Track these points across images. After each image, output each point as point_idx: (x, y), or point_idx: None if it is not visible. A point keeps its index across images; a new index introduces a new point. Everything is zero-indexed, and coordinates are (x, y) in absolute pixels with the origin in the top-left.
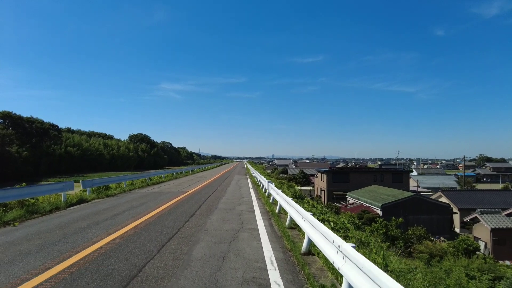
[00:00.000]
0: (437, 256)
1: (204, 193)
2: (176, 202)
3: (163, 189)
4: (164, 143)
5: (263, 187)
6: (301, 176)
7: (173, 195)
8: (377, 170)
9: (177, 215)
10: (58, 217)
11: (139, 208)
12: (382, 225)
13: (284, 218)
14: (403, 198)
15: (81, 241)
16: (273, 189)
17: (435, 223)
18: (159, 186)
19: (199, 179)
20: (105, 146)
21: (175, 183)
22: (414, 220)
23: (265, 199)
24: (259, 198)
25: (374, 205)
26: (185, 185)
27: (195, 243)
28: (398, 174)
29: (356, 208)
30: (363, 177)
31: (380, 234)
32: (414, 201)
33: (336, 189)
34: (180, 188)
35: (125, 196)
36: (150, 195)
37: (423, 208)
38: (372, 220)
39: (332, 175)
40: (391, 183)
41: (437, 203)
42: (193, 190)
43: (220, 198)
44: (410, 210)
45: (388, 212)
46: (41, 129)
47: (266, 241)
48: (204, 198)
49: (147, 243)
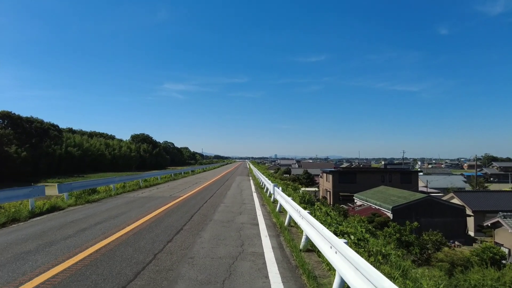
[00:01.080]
0: (460, 266)
1: (200, 198)
2: (164, 210)
3: (155, 193)
4: (166, 143)
5: (268, 190)
6: (305, 177)
7: (163, 201)
8: (384, 170)
9: (159, 231)
10: (5, 234)
11: (116, 219)
12: (395, 230)
13: (297, 234)
14: (415, 200)
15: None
16: (280, 195)
17: (449, 227)
18: (151, 189)
19: (198, 181)
20: (107, 146)
21: (171, 186)
22: (427, 223)
23: (270, 206)
24: (263, 205)
25: (384, 208)
26: (181, 188)
27: (171, 285)
28: (406, 174)
29: (365, 210)
30: (371, 178)
31: (393, 240)
32: (426, 203)
33: (343, 190)
34: (174, 192)
35: (108, 202)
36: (137, 201)
37: (436, 210)
38: (384, 224)
39: (338, 176)
40: (399, 183)
41: (451, 205)
42: (188, 194)
43: (218, 205)
44: (422, 213)
45: (399, 215)
46: (41, 129)
47: (277, 277)
48: (198, 205)
49: (99, 285)
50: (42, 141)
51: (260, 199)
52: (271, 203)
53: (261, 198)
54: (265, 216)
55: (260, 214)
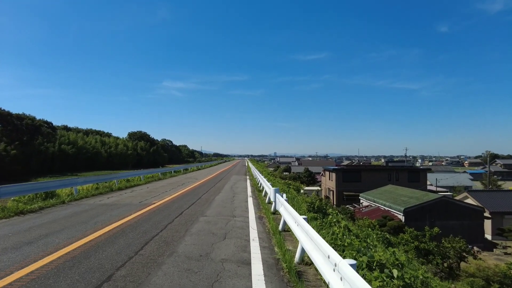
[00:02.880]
0: (496, 283)
1: (176, 208)
2: (110, 231)
3: (124, 199)
4: (164, 141)
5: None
6: (306, 175)
7: (123, 213)
8: (391, 168)
9: (71, 279)
10: None
11: (31, 246)
12: (412, 237)
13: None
14: (429, 201)
15: None
16: (284, 207)
17: (466, 230)
18: (124, 192)
19: (186, 181)
20: (102, 144)
21: (151, 188)
22: (442, 226)
23: (270, 222)
24: (260, 218)
25: (394, 209)
26: (161, 191)
27: None
28: (414, 173)
29: (373, 212)
30: (376, 176)
31: (411, 248)
32: (441, 204)
33: (347, 189)
34: (149, 197)
35: (52, 212)
36: (91, 211)
37: (452, 212)
38: (398, 229)
39: (342, 174)
40: (406, 182)
41: (469, 206)
42: (165, 200)
43: (196, 220)
44: (437, 215)
45: (412, 217)
46: (32, 126)
47: None
48: (167, 220)
49: None
50: (33, 138)
51: (256, 207)
52: (270, 214)
53: (257, 207)
54: (262, 241)
55: (255, 237)
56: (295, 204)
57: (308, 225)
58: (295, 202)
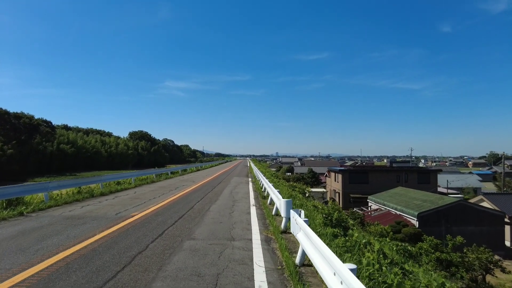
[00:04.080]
0: None
1: (156, 224)
2: (50, 267)
3: (97, 208)
4: (166, 141)
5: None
6: (310, 176)
7: (86, 232)
8: (400, 169)
9: None
10: None
11: None
12: (432, 246)
13: None
14: (445, 205)
15: None
16: (306, 235)
17: (485, 236)
18: (103, 199)
19: (181, 184)
20: (103, 143)
21: (138, 193)
22: (460, 232)
23: (283, 252)
24: (267, 243)
25: (407, 214)
26: (146, 198)
27: None
28: (424, 174)
29: (384, 216)
30: (384, 177)
31: (431, 259)
32: (459, 209)
33: (353, 191)
34: (129, 207)
35: None
36: (47, 227)
37: (470, 217)
38: (415, 236)
39: (348, 175)
40: (416, 184)
41: (488, 211)
42: (146, 211)
43: (177, 248)
44: (454, 220)
45: (427, 222)
46: (30, 125)
47: None
48: (137, 248)
49: None
50: (31, 137)
51: (261, 221)
52: (280, 233)
53: (263, 220)
54: None
55: (263, 282)
56: (308, 215)
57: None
58: (303, 209)
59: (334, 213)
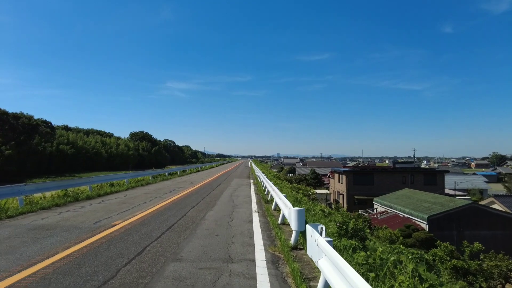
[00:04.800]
0: None
1: (137, 238)
2: None
3: (75, 216)
4: (167, 141)
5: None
6: (313, 177)
7: (48, 249)
8: (405, 170)
9: None
10: None
11: None
12: (447, 252)
13: None
14: (456, 208)
15: None
16: (335, 266)
17: (500, 242)
18: (87, 204)
19: (177, 187)
20: (103, 144)
21: (128, 196)
22: (472, 237)
23: (296, 279)
24: (275, 266)
25: (416, 217)
26: (135, 203)
27: None
28: (431, 175)
29: (391, 219)
30: (390, 179)
31: (447, 267)
32: (471, 212)
33: (358, 193)
34: (113, 214)
35: None
36: (2, 242)
37: (483, 220)
38: (426, 241)
39: (353, 176)
40: (422, 185)
41: (502, 214)
42: (130, 220)
43: (157, 275)
44: (466, 224)
45: (437, 226)
46: (29, 125)
47: None
48: (103, 275)
49: None
50: (30, 138)
51: (266, 233)
52: (289, 249)
53: (267, 232)
54: None
55: None
56: (316, 221)
57: None
58: (310, 215)
59: (350, 222)
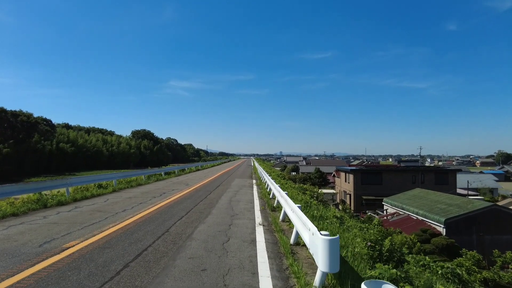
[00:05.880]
0: None
1: (85, 276)
2: None
3: (25, 231)
4: (169, 140)
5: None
6: (317, 176)
7: None
8: (416, 168)
9: None
10: None
11: None
12: (473, 261)
13: None
14: (476, 210)
15: None
16: None
17: None
18: (53, 212)
19: (169, 189)
20: (104, 142)
21: (110, 201)
22: (493, 242)
23: None
24: None
25: (431, 219)
26: (113, 211)
27: None
28: (443, 174)
29: (403, 222)
30: (399, 178)
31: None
32: (491, 214)
33: (366, 193)
34: (76, 228)
35: None
36: None
37: (505, 224)
38: (447, 248)
39: (360, 176)
40: (433, 184)
41: None
42: (95, 238)
43: None
44: (486, 228)
45: (455, 230)
46: (28, 123)
47: None
48: None
49: None
50: (29, 136)
51: (275, 263)
52: None
53: (278, 262)
54: None
55: None
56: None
57: None
58: (326, 225)
59: (385, 241)
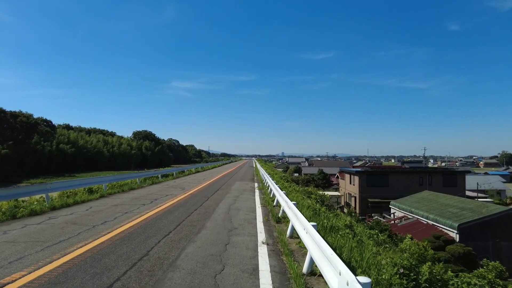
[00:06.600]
0: None
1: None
2: None
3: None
4: (171, 141)
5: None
6: (321, 177)
7: None
8: (423, 170)
9: None
10: None
11: None
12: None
13: None
14: (492, 215)
15: None
16: None
17: None
18: (18, 225)
19: (162, 195)
20: (105, 143)
21: (94, 209)
22: (510, 248)
23: None
24: None
25: (443, 224)
26: (95, 221)
27: None
28: (451, 175)
29: (413, 226)
30: (406, 180)
31: None
32: (507, 219)
33: (372, 195)
34: (34, 251)
35: None
36: None
37: None
38: (464, 257)
39: (366, 177)
40: (441, 186)
41: None
42: (50, 266)
43: None
44: (502, 233)
45: (468, 235)
46: (27, 124)
47: None
48: None
49: None
50: (29, 137)
51: None
52: None
53: None
54: None
55: None
56: (350, 256)
57: None
58: (336, 238)
59: (422, 267)
